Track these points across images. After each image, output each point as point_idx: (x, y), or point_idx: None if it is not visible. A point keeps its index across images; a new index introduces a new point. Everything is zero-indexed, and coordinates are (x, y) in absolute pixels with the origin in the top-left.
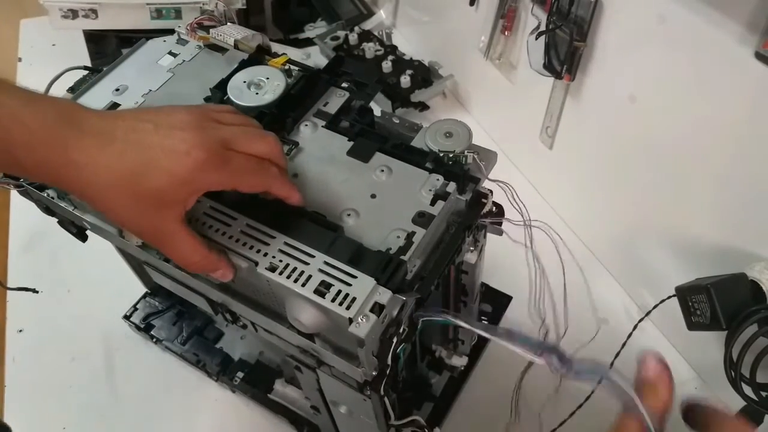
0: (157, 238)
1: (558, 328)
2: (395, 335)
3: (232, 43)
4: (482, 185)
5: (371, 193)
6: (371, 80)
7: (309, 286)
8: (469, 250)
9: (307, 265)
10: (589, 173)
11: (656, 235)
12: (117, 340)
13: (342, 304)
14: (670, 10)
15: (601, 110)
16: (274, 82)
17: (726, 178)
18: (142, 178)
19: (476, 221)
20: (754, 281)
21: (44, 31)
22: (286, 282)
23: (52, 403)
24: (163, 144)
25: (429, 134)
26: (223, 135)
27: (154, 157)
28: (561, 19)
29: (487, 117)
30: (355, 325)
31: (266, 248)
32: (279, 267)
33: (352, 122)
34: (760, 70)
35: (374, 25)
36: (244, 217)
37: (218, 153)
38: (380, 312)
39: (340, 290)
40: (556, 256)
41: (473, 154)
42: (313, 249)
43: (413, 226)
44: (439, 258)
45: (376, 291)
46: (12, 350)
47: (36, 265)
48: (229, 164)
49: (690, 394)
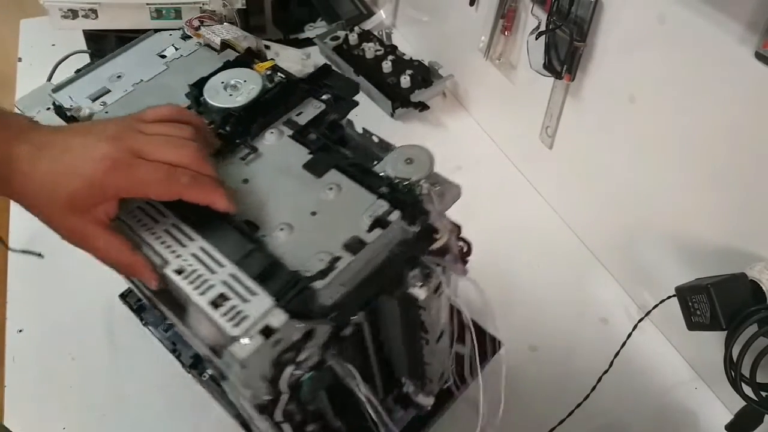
0: (79, 239)
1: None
2: (292, 362)
3: (218, 42)
4: (444, 220)
5: (313, 210)
6: (350, 96)
7: (207, 295)
8: (416, 285)
9: (213, 274)
10: (589, 173)
11: (656, 234)
12: (118, 339)
13: (232, 320)
14: (670, 10)
15: (601, 110)
16: (250, 85)
17: (726, 177)
18: (63, 184)
19: (421, 255)
20: (754, 281)
21: (44, 31)
22: (186, 287)
23: (52, 402)
24: (84, 153)
25: (389, 158)
26: (135, 144)
27: (74, 165)
28: (561, 19)
29: (486, 117)
30: (237, 344)
31: (182, 250)
32: (186, 271)
33: (319, 136)
34: (760, 70)
35: (374, 25)
36: (173, 217)
37: (125, 161)
38: (270, 335)
39: (235, 305)
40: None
41: (429, 184)
42: (225, 258)
43: (343, 251)
44: (366, 289)
45: (271, 312)
46: (12, 350)
47: (35, 265)
48: (134, 171)
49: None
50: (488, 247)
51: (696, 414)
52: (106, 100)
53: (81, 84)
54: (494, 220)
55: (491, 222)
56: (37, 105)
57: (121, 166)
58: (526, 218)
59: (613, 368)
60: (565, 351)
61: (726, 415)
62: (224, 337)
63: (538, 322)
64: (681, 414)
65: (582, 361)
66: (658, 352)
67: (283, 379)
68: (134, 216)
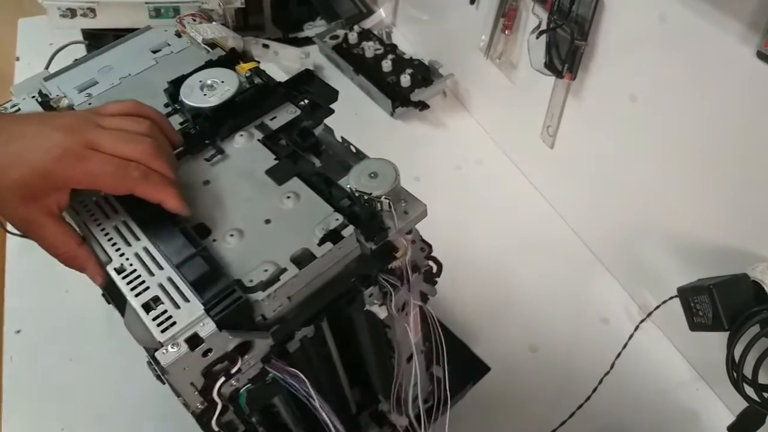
0: (27, 228)
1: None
2: (225, 373)
3: (200, 41)
4: (410, 237)
5: (267, 217)
6: (328, 103)
7: (141, 297)
8: (374, 303)
9: (151, 276)
10: (591, 173)
11: (658, 235)
12: (115, 340)
13: (161, 325)
14: (671, 10)
15: (602, 109)
16: (226, 87)
17: (728, 177)
18: (11, 171)
19: (375, 273)
20: (756, 282)
21: (42, 30)
22: (123, 287)
23: (51, 403)
24: (35, 142)
25: (353, 171)
26: (90, 136)
27: (23, 153)
28: (562, 18)
29: (487, 116)
30: (162, 350)
31: (126, 248)
32: (127, 270)
33: (289, 142)
34: (761, 69)
35: (374, 24)
36: (124, 213)
37: (76, 151)
38: (197, 344)
39: (166, 310)
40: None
41: (391, 200)
42: (166, 261)
43: (289, 264)
44: (314, 304)
45: (200, 321)
46: (10, 351)
47: (34, 266)
48: (85, 162)
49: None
50: (488, 246)
51: (698, 415)
52: (92, 92)
53: (73, 74)
54: (494, 220)
55: (491, 222)
56: (29, 92)
57: (71, 156)
58: (526, 218)
59: (614, 369)
60: (565, 352)
61: (728, 416)
62: (153, 341)
63: (538, 322)
64: (683, 415)
65: (583, 362)
66: (660, 353)
67: (215, 389)
68: (87, 209)
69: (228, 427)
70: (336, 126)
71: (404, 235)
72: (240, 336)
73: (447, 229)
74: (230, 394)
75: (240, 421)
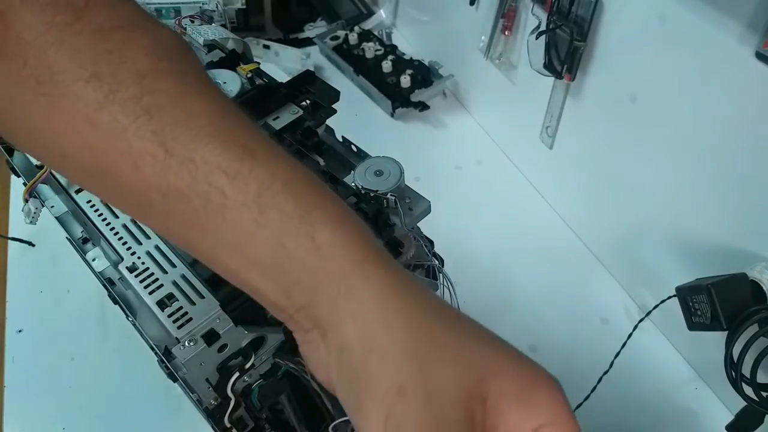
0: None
1: None
2: (240, 369)
3: (201, 42)
4: (413, 234)
5: None
6: (330, 103)
7: (155, 295)
8: None
9: (164, 274)
10: (590, 173)
11: (656, 235)
12: (117, 340)
13: (177, 321)
14: (670, 10)
15: (601, 110)
16: (229, 87)
17: (727, 177)
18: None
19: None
20: (755, 281)
21: None
22: (137, 285)
23: (52, 403)
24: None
25: (359, 169)
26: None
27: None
28: (561, 19)
29: (487, 117)
30: (179, 346)
31: (138, 247)
32: (139, 269)
33: (292, 141)
34: (760, 69)
35: (374, 25)
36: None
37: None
38: (213, 340)
39: (182, 307)
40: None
41: (397, 198)
42: (179, 259)
43: None
44: None
45: (216, 318)
46: (11, 350)
47: (35, 265)
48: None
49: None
50: (488, 246)
51: (696, 414)
52: None
53: None
54: (494, 220)
55: (491, 222)
56: None
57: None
58: (526, 218)
59: (613, 368)
60: (565, 351)
61: (726, 416)
62: (169, 338)
63: (537, 321)
64: (681, 414)
65: (582, 361)
66: (659, 353)
67: (229, 385)
68: (95, 209)
69: (238, 424)
70: (336, 126)
71: (409, 231)
72: (255, 331)
73: (447, 229)
74: (243, 389)
75: (250, 416)
